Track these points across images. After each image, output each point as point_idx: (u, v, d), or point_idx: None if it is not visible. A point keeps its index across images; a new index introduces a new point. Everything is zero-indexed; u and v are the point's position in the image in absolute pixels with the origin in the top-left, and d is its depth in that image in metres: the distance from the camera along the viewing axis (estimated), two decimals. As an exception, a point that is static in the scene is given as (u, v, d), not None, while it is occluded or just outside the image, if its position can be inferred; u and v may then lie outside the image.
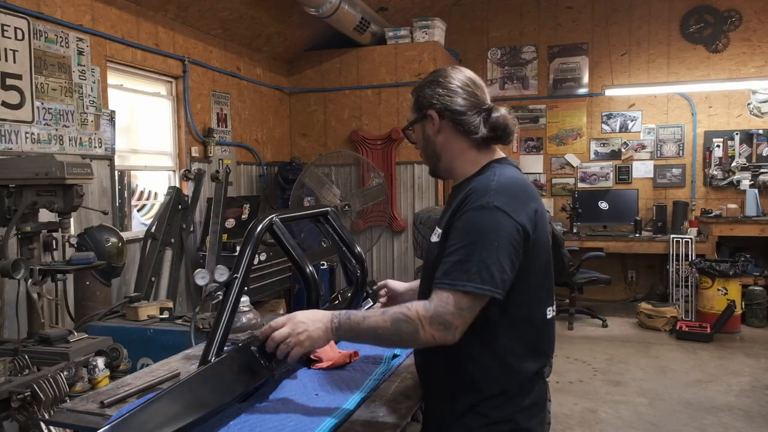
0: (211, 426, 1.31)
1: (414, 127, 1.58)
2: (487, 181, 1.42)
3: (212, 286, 1.50)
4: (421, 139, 1.56)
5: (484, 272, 1.31)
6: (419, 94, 1.54)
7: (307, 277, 1.55)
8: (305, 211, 2.16)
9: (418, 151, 1.61)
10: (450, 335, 1.33)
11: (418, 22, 5.82)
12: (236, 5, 4.75)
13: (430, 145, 1.54)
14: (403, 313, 1.35)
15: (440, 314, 1.32)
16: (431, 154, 1.56)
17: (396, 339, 1.36)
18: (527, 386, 1.46)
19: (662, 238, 6.11)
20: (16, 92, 3.24)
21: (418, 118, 1.55)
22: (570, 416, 3.77)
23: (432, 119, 1.51)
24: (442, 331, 1.32)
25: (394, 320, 1.35)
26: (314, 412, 1.40)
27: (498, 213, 1.34)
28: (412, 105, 1.57)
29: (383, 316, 1.37)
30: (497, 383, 1.43)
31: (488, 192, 1.37)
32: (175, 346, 2.15)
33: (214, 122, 5.07)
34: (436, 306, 1.33)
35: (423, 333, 1.32)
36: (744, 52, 6.35)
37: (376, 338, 1.39)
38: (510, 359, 1.42)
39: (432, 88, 1.51)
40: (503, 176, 1.43)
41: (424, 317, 1.32)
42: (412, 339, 1.35)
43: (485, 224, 1.34)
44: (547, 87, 6.95)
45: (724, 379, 4.40)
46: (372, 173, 5.61)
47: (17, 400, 1.88)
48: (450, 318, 1.31)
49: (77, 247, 2.83)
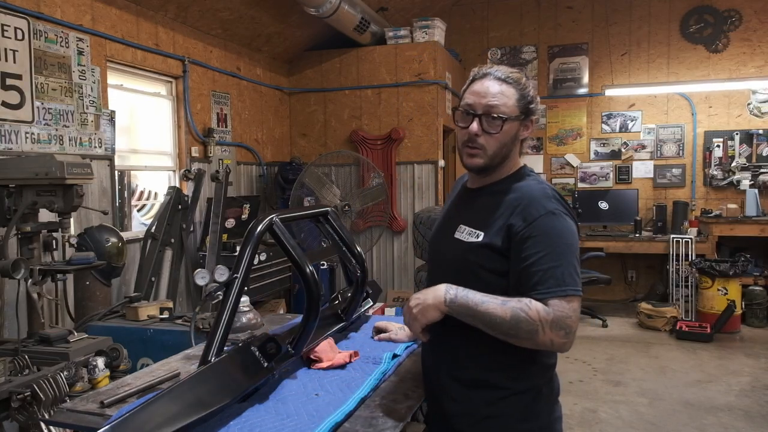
0: (211, 426, 1.31)
1: (514, 122, 1.49)
2: (541, 188, 1.47)
3: (212, 286, 1.50)
4: (509, 136, 1.49)
5: (575, 275, 1.37)
6: (527, 94, 1.49)
7: (307, 277, 1.55)
8: (305, 211, 2.16)
9: (482, 140, 1.47)
10: (569, 341, 1.36)
11: (418, 22, 5.82)
12: (236, 5, 4.75)
13: (511, 145, 1.51)
14: (523, 310, 1.34)
15: (562, 318, 1.34)
16: (504, 153, 1.51)
17: (513, 333, 1.35)
18: (551, 382, 1.53)
19: (662, 238, 6.11)
20: (16, 92, 3.24)
21: (521, 116, 1.50)
22: (570, 416, 3.77)
23: (530, 125, 1.53)
24: (563, 338, 1.34)
25: (513, 315, 1.35)
26: (314, 412, 1.40)
27: (566, 218, 1.42)
28: (515, 98, 1.47)
29: (503, 306, 1.36)
30: (529, 380, 1.47)
31: (549, 199, 1.44)
32: (175, 346, 2.15)
33: (214, 122, 5.07)
34: (556, 310, 1.34)
35: (542, 335, 1.33)
36: (744, 52, 6.35)
37: (491, 325, 1.37)
38: (540, 357, 1.47)
39: (536, 94, 1.53)
40: (546, 184, 1.51)
41: (545, 320, 1.33)
42: (529, 338, 1.35)
43: (562, 230, 1.40)
44: (547, 87, 6.95)
45: (724, 379, 4.40)
46: (372, 173, 5.61)
47: (17, 400, 1.88)
48: (570, 323, 1.34)
49: (77, 247, 2.83)
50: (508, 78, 1.48)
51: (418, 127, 5.81)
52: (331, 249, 2.11)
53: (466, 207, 1.60)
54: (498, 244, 1.43)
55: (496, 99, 1.46)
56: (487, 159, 1.49)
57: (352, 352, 1.77)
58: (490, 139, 1.47)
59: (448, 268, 1.53)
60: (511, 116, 1.46)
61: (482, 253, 1.45)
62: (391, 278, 6.01)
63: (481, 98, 1.47)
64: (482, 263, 1.45)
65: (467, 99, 1.50)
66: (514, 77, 1.49)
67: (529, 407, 1.47)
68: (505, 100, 1.46)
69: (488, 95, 1.46)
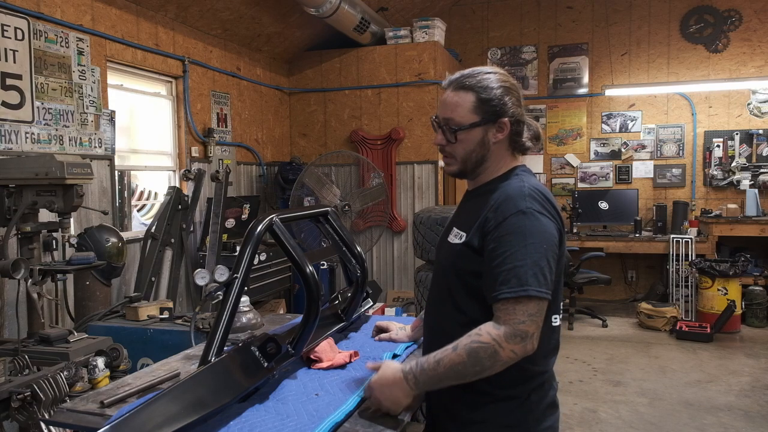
0: (211, 426, 1.31)
1: (471, 129, 1.45)
2: (519, 187, 1.42)
3: (212, 286, 1.50)
4: (475, 142, 1.46)
5: (539, 275, 1.32)
6: (488, 96, 1.44)
7: (307, 277, 1.55)
8: (305, 211, 2.16)
9: (448, 149, 1.49)
10: (529, 345, 1.32)
11: (418, 22, 5.82)
12: (236, 5, 4.75)
13: (482, 151, 1.47)
14: (474, 340, 1.32)
15: (514, 327, 1.31)
16: (477, 159, 1.48)
17: (478, 368, 1.32)
18: (540, 389, 1.46)
19: (662, 238, 6.11)
20: (16, 92, 3.24)
21: (482, 122, 1.45)
22: (570, 416, 3.77)
23: (503, 127, 1.46)
24: (520, 344, 1.31)
25: (468, 351, 1.32)
26: (314, 412, 1.40)
27: (539, 217, 1.37)
28: (472, 105, 1.44)
29: (456, 351, 1.33)
30: (511, 387, 1.42)
31: (524, 198, 1.39)
32: (175, 346, 2.15)
33: (214, 122, 5.07)
34: (505, 320, 1.31)
35: (503, 352, 1.30)
36: (744, 52, 6.35)
37: (458, 376, 1.34)
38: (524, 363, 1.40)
39: (505, 94, 1.45)
40: (531, 182, 1.45)
41: (498, 336, 1.31)
42: (494, 361, 1.31)
43: (530, 228, 1.35)
44: (547, 87, 6.95)
45: (724, 379, 4.40)
46: (372, 173, 5.61)
47: (17, 400, 1.88)
48: (524, 328, 1.31)
49: (77, 247, 2.83)
50: (467, 84, 1.45)
51: (418, 127, 5.81)
52: (331, 249, 2.11)
53: (460, 210, 1.60)
54: (475, 244, 1.41)
55: (451, 110, 1.46)
56: (459, 165, 1.50)
57: (352, 352, 1.77)
58: (455, 148, 1.48)
59: (442, 273, 1.53)
60: (464, 125, 1.44)
61: (464, 255, 1.43)
62: (391, 278, 6.01)
63: (441, 109, 1.50)
64: (465, 266, 1.43)
65: (437, 109, 1.53)
66: (473, 82, 1.45)
67: (513, 414, 1.43)
68: (459, 110, 1.45)
69: (445, 106, 1.48)
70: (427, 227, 3.58)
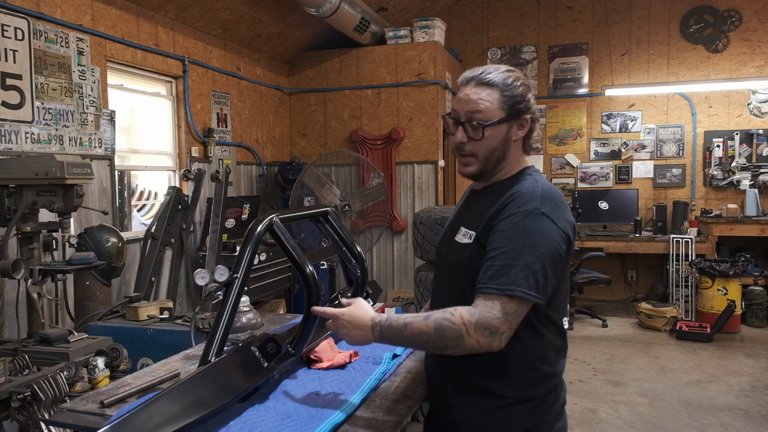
0: (211, 426, 1.31)
1: (498, 125, 1.44)
2: (531, 187, 1.42)
3: (212, 286, 1.50)
4: (499, 139, 1.45)
5: (531, 277, 1.30)
6: (513, 93, 1.43)
7: (307, 277, 1.55)
8: (305, 211, 2.16)
9: (470, 147, 1.46)
10: (496, 341, 1.31)
11: (418, 22, 5.82)
12: (236, 5, 4.75)
13: (504, 149, 1.46)
14: (447, 318, 1.32)
15: (486, 319, 1.30)
16: (498, 157, 1.47)
17: (440, 345, 1.34)
18: (554, 392, 1.47)
19: (662, 238, 6.11)
20: (16, 92, 3.24)
21: (507, 118, 1.44)
22: (570, 416, 3.74)
23: (524, 124, 1.46)
24: (488, 337, 1.30)
25: (437, 326, 1.32)
26: (314, 412, 1.40)
27: (545, 220, 1.35)
28: (498, 101, 1.43)
29: (426, 321, 1.34)
30: (530, 389, 1.43)
31: (535, 198, 1.38)
32: (175, 346, 2.15)
33: (214, 122, 5.07)
34: (481, 311, 1.31)
35: (468, 338, 1.30)
36: (744, 52, 6.35)
37: (420, 344, 1.38)
38: (539, 365, 1.43)
39: (526, 92, 1.46)
40: (544, 184, 1.44)
41: (468, 322, 1.30)
42: (457, 344, 1.32)
43: (533, 230, 1.34)
44: (547, 87, 6.95)
45: (724, 379, 4.40)
46: (372, 173, 5.61)
47: (17, 400, 1.88)
48: (496, 323, 1.30)
49: (77, 247, 2.83)
50: (491, 80, 1.44)
51: (418, 127, 5.81)
52: (331, 249, 2.11)
53: (467, 209, 1.59)
54: (484, 241, 1.41)
55: (476, 105, 1.43)
56: (480, 165, 1.48)
57: (352, 352, 1.77)
58: (478, 145, 1.45)
59: (449, 271, 1.52)
60: (492, 120, 1.43)
61: (474, 252, 1.42)
62: (391, 278, 6.01)
63: (463, 105, 1.46)
64: (477, 266, 1.41)
65: (453, 106, 1.49)
66: (497, 78, 1.44)
67: (529, 418, 1.43)
68: (486, 105, 1.43)
69: (469, 102, 1.45)
70: (427, 227, 3.58)
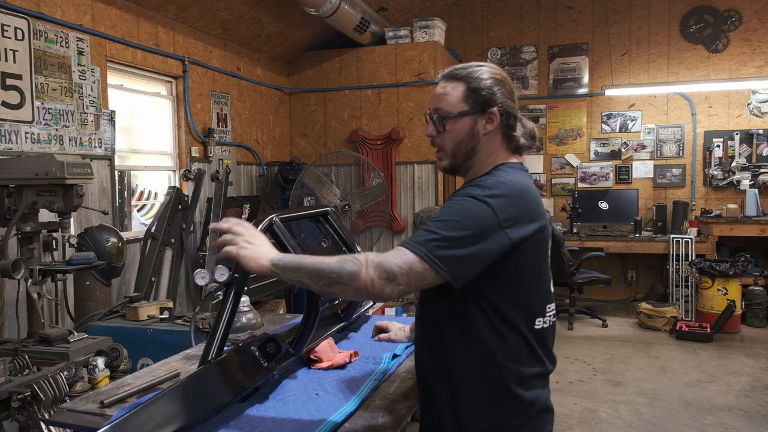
0: (211, 426, 1.31)
1: (460, 118, 1.43)
2: (491, 179, 1.39)
3: (212, 286, 1.50)
4: (464, 132, 1.44)
5: (436, 244, 1.28)
6: (478, 86, 1.42)
7: (307, 277, 1.54)
8: (305, 211, 2.16)
9: (438, 140, 1.47)
10: (389, 288, 1.27)
11: (418, 22, 5.82)
12: (236, 5, 4.75)
13: (471, 142, 1.45)
14: (354, 256, 1.31)
15: (389, 263, 1.27)
16: (466, 151, 1.46)
17: (335, 276, 1.28)
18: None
19: (662, 238, 6.11)
20: (16, 92, 3.24)
21: (471, 111, 1.43)
22: (570, 416, 3.77)
23: (492, 117, 1.44)
24: (383, 279, 1.26)
25: (341, 259, 1.30)
26: (314, 412, 1.40)
27: (485, 207, 1.31)
28: (462, 94, 1.43)
29: (329, 258, 1.31)
30: (481, 385, 1.37)
31: (484, 188, 1.35)
32: (175, 346, 2.15)
33: (214, 122, 5.07)
34: (388, 255, 1.29)
35: (364, 273, 1.26)
36: (744, 52, 6.35)
37: (315, 274, 1.30)
38: (493, 363, 1.36)
39: (495, 84, 1.43)
40: (507, 177, 1.40)
41: (371, 260, 1.28)
42: (351, 278, 1.27)
43: (468, 212, 1.31)
44: (547, 87, 6.95)
45: (724, 379, 4.40)
46: (372, 173, 5.61)
47: (17, 400, 1.88)
48: (397, 271, 1.26)
49: (77, 247, 2.83)
50: (458, 74, 1.45)
51: (418, 127, 5.81)
52: (331, 249, 2.11)
53: None
54: None
55: (441, 99, 1.45)
56: (450, 159, 1.48)
57: (352, 352, 1.77)
58: (444, 138, 1.46)
59: None
60: (453, 113, 1.43)
61: None
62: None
63: (433, 100, 1.49)
64: None
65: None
66: (464, 72, 1.44)
67: (483, 418, 1.35)
68: (448, 99, 1.44)
69: (436, 96, 1.47)
70: (427, 227, 3.58)
